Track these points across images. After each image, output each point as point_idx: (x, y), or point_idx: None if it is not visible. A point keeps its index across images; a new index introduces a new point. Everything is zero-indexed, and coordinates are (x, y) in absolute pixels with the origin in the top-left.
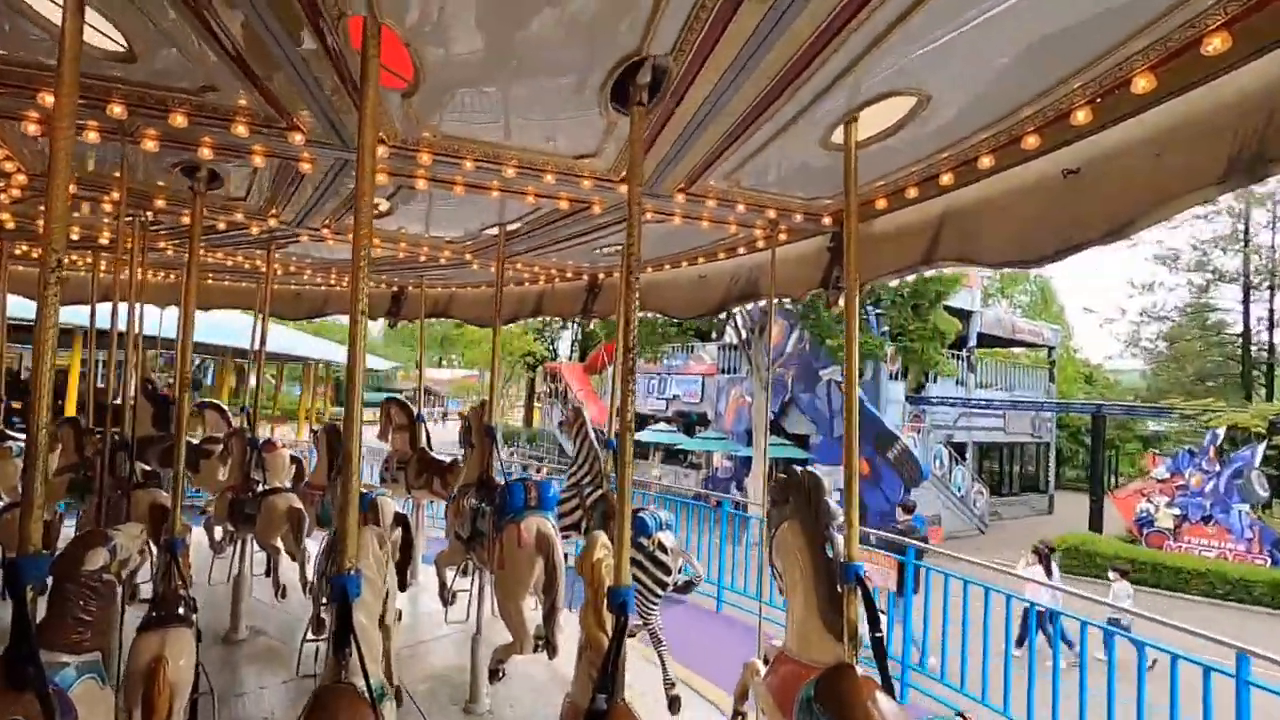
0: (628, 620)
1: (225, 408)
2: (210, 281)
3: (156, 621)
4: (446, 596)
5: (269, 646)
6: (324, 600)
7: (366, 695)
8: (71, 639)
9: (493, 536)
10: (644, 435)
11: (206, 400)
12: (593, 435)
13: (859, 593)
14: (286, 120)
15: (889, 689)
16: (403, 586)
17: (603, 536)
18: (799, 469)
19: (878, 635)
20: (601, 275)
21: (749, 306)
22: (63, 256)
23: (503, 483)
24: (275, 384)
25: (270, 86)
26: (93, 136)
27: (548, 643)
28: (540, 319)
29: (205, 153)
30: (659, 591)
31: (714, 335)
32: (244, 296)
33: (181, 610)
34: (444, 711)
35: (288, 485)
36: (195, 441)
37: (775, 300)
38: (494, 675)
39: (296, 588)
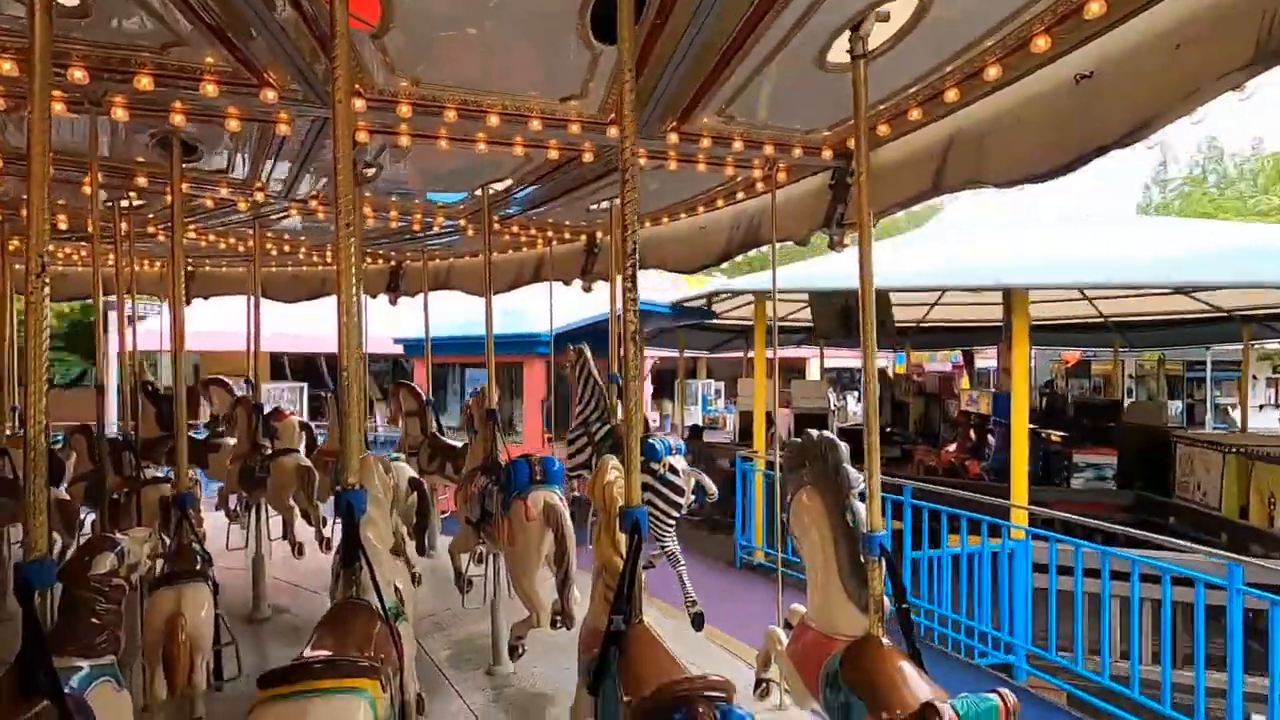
0: (641, 540)
1: (227, 381)
2: (208, 268)
3: (170, 578)
4: (462, 585)
5: (292, 624)
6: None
7: (380, 611)
8: (84, 644)
9: (500, 515)
10: None
11: (211, 377)
12: (594, 371)
13: (883, 564)
14: (257, 77)
15: (917, 661)
16: (421, 551)
17: (613, 459)
18: (813, 433)
19: (904, 607)
20: (599, 234)
21: None
22: (47, 260)
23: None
24: None
25: (235, 40)
26: (58, 108)
27: (564, 613)
28: None
29: (177, 119)
30: (673, 514)
31: None
32: (241, 282)
33: (197, 565)
34: (468, 676)
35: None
36: (201, 437)
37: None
38: (514, 652)
39: (313, 544)
